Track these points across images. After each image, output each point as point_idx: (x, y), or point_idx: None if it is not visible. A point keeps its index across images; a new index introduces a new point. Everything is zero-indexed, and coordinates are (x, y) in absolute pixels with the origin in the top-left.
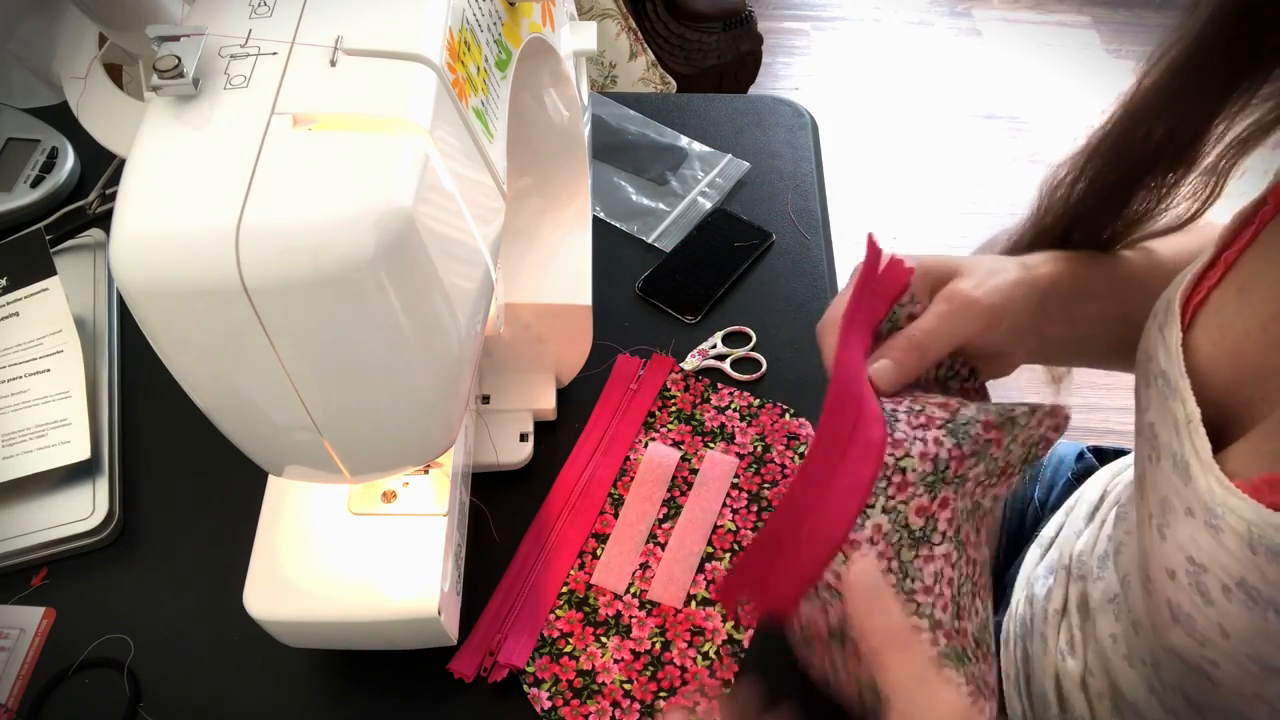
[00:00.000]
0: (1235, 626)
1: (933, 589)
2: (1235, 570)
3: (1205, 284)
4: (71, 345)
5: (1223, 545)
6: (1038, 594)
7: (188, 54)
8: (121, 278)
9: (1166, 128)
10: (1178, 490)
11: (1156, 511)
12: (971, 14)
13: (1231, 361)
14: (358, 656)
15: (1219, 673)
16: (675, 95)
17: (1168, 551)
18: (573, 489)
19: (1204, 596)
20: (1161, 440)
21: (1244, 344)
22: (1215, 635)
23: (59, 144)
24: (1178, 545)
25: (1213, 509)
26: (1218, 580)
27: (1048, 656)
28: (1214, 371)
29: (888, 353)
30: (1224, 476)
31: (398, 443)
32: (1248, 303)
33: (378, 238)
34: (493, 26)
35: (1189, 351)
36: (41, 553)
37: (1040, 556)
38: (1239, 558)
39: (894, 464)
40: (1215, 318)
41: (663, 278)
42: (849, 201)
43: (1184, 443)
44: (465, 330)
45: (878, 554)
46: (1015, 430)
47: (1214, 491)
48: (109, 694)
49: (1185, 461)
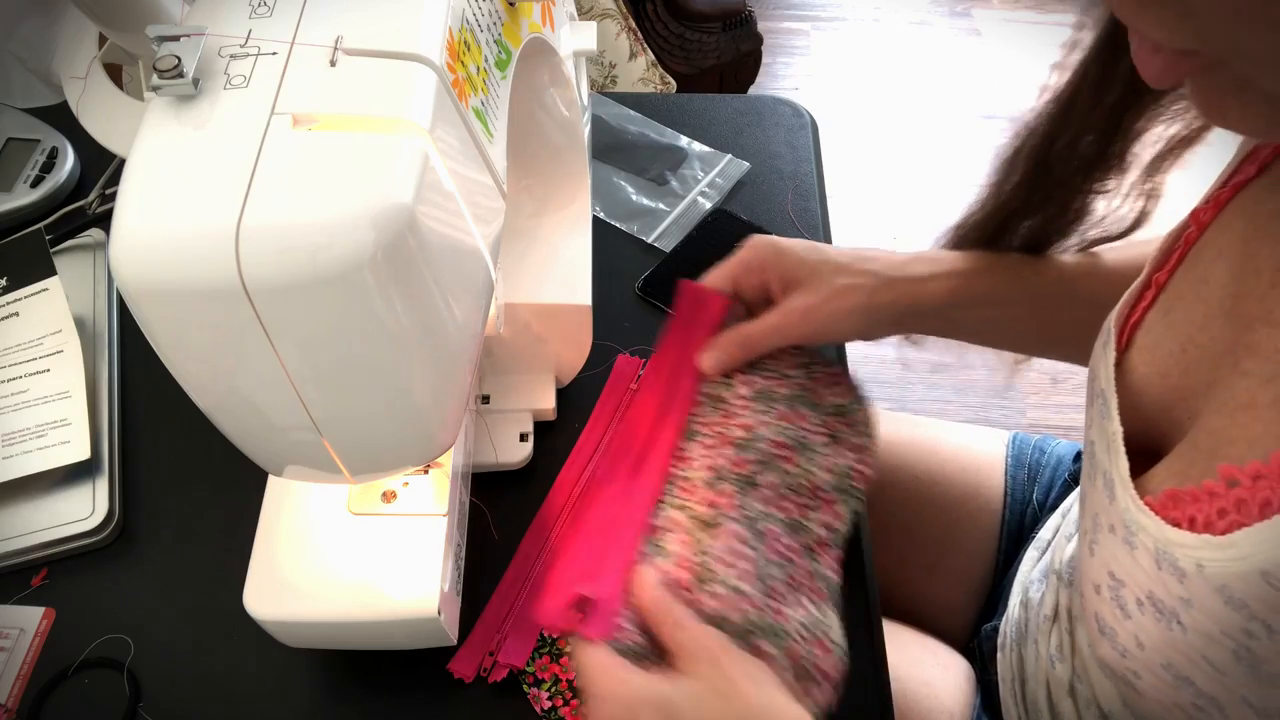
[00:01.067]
0: (1148, 638)
1: (726, 559)
2: (1145, 584)
3: (1141, 305)
4: (71, 345)
5: (1136, 561)
6: (1032, 599)
7: (188, 54)
8: (121, 278)
9: (1085, 134)
10: (1105, 507)
11: (1090, 528)
12: (971, 14)
13: (1161, 381)
14: (358, 656)
15: (1141, 683)
16: (675, 95)
17: (1095, 567)
18: (572, 489)
19: (1123, 610)
20: (1097, 458)
21: (1169, 364)
22: (1133, 646)
23: (59, 144)
24: (1103, 561)
25: (1129, 526)
26: (1133, 594)
27: (1039, 662)
28: (1146, 391)
29: (718, 344)
30: (1136, 494)
31: (398, 443)
32: (1171, 324)
33: (377, 238)
34: (493, 26)
35: (1126, 371)
36: (41, 553)
37: (1037, 559)
38: (1148, 572)
39: (681, 474)
40: (1146, 339)
41: (663, 278)
42: (849, 201)
43: (1111, 461)
44: (465, 330)
45: (678, 541)
46: (810, 453)
47: (1129, 509)
48: (109, 694)
49: (1111, 479)
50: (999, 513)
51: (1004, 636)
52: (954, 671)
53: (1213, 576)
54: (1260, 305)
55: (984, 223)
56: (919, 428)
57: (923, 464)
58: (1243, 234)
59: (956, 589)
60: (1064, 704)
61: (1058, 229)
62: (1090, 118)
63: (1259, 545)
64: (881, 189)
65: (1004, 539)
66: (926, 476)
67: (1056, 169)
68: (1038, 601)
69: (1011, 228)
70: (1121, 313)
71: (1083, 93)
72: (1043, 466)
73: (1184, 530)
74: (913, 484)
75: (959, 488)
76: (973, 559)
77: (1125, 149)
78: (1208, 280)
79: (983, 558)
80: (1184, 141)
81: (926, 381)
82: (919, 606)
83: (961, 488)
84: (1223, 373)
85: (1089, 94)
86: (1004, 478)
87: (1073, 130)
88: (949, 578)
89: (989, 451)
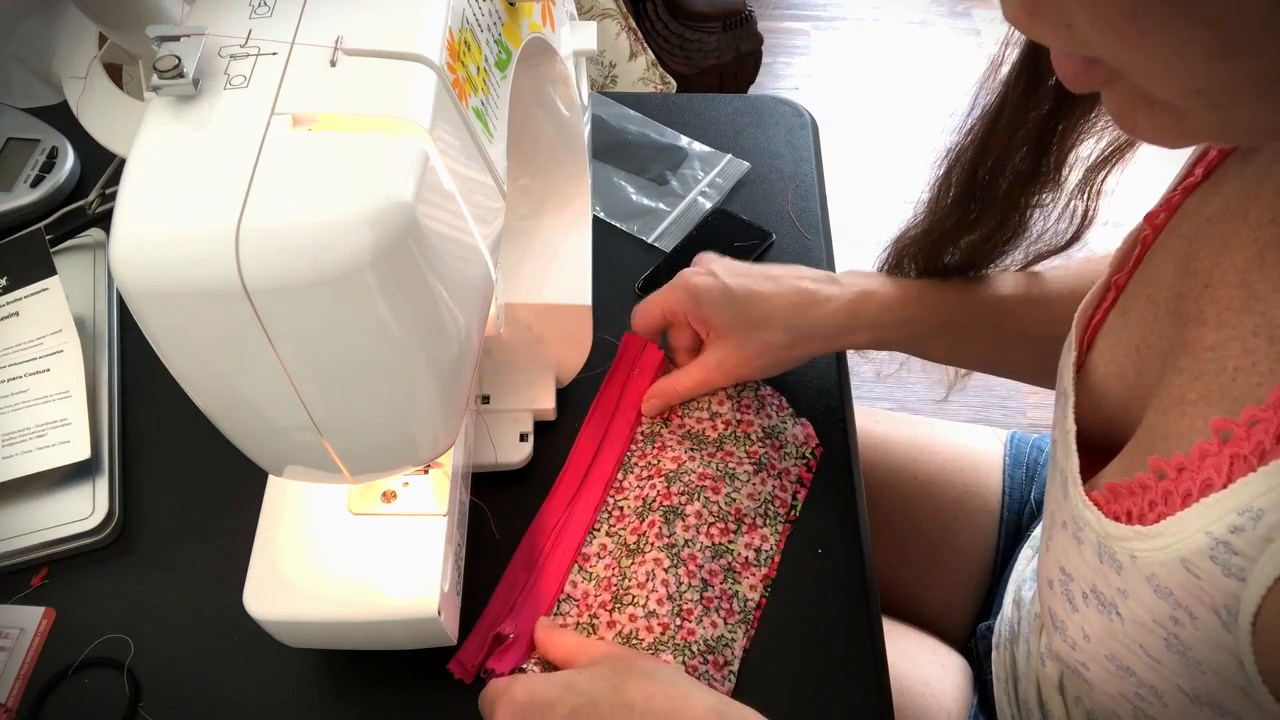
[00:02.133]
0: (1093, 630)
1: (645, 585)
2: (1090, 577)
3: (1102, 306)
4: (71, 345)
5: (1082, 555)
6: (1024, 598)
7: (188, 54)
8: (121, 278)
9: (1017, 148)
10: (1059, 504)
11: (1048, 525)
12: (971, 14)
13: (1119, 381)
14: (358, 656)
15: (1089, 674)
16: (675, 95)
17: (1049, 562)
18: (573, 489)
19: (1071, 603)
20: (1056, 457)
21: (1126, 365)
22: (1080, 639)
23: (59, 144)
24: (1054, 556)
25: (1078, 521)
26: (1079, 588)
27: (1030, 661)
28: (1107, 391)
29: (653, 393)
30: (1083, 491)
31: (398, 443)
32: (1127, 325)
33: (378, 238)
34: (493, 26)
35: (1088, 371)
36: (41, 553)
37: (1031, 558)
38: (1091, 565)
39: (614, 504)
40: (1106, 340)
41: (663, 278)
42: (849, 201)
43: (1066, 458)
44: (465, 330)
45: (604, 566)
46: (735, 482)
47: (1077, 505)
48: (109, 694)
49: (1065, 477)
50: (997, 512)
51: (998, 636)
52: (952, 670)
53: (1143, 566)
54: (1195, 305)
55: (921, 239)
56: (918, 427)
57: (922, 464)
58: (1187, 236)
59: (955, 588)
60: (1053, 701)
61: (997, 245)
62: (1020, 132)
63: (1178, 533)
64: (881, 189)
65: (1002, 538)
66: (925, 476)
67: (991, 184)
68: (1029, 600)
69: (949, 243)
70: (1084, 314)
71: (1010, 107)
72: (1041, 466)
73: (1121, 523)
74: (911, 484)
75: (958, 487)
76: (971, 558)
77: (1060, 162)
78: (1157, 281)
79: (981, 557)
80: (1116, 152)
81: (926, 381)
82: (918, 606)
83: (960, 487)
84: (1167, 372)
85: (1016, 108)
86: (1002, 477)
87: (1003, 145)
88: (948, 577)
89: (987, 451)
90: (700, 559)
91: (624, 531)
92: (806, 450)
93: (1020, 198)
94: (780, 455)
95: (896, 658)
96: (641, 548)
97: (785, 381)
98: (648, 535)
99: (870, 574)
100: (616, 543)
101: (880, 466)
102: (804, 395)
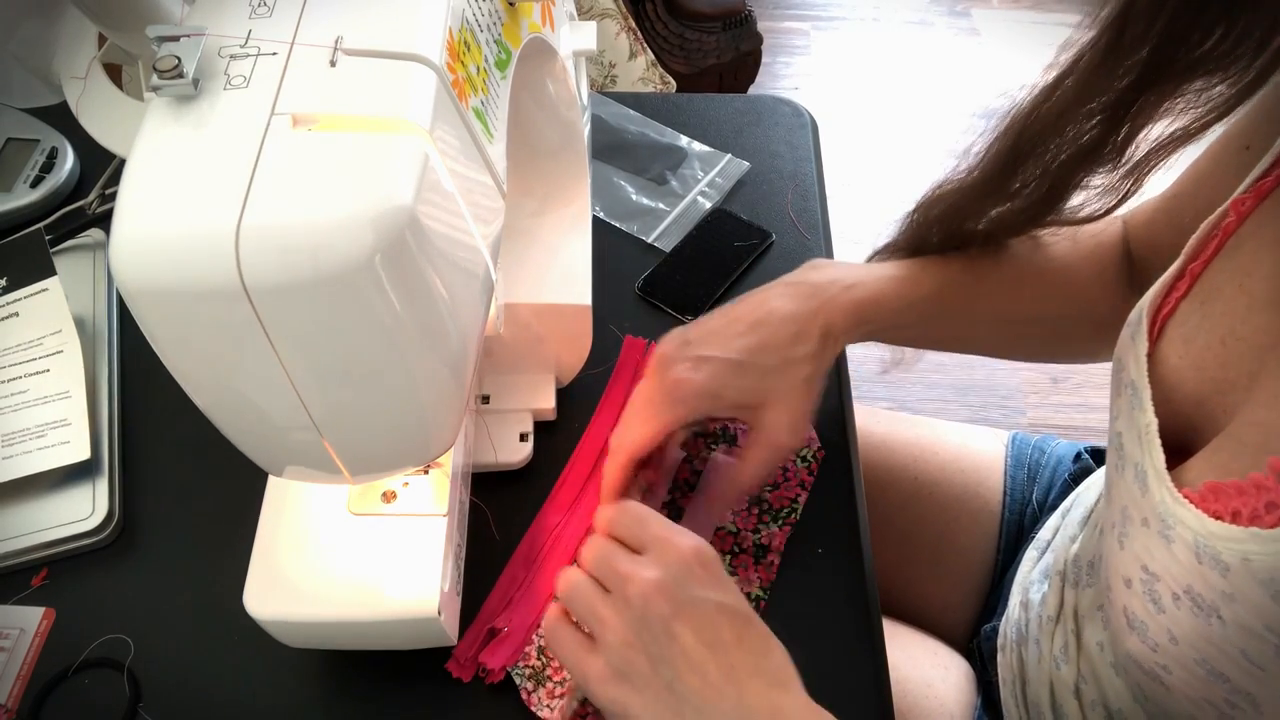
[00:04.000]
0: (1183, 632)
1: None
2: (1183, 578)
3: (1174, 295)
4: (71, 345)
5: (1173, 555)
6: (1033, 599)
7: (188, 54)
8: (121, 278)
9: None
10: (1136, 500)
11: (1118, 521)
12: (971, 14)
13: (1196, 374)
14: (358, 656)
15: (1171, 678)
16: (675, 95)
17: (1126, 560)
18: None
19: (1156, 604)
20: (1126, 450)
21: (1205, 357)
22: (1166, 641)
23: (59, 144)
24: (1134, 554)
25: (1165, 519)
26: (1168, 588)
27: (1042, 663)
28: (1180, 384)
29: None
30: (1174, 487)
31: (398, 443)
32: (1209, 316)
33: (377, 238)
34: (493, 26)
35: (1158, 362)
36: (41, 553)
37: (1036, 559)
38: (1186, 566)
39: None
40: (1180, 330)
41: (663, 278)
42: (849, 201)
43: (1144, 453)
44: (465, 330)
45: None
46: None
47: (1165, 502)
48: (109, 694)
49: (1144, 471)
50: (998, 513)
51: (1004, 637)
52: (954, 672)
53: (1259, 570)
54: None
55: (953, 202)
56: (918, 427)
57: (922, 464)
58: None
59: (956, 589)
60: (1069, 705)
61: (1030, 217)
62: (1095, 101)
63: None
64: (881, 189)
65: (1003, 539)
66: (926, 477)
67: (1047, 154)
68: (1038, 602)
69: (982, 210)
70: (1153, 303)
71: (1090, 72)
72: (1042, 467)
73: (1227, 523)
74: (912, 484)
75: (959, 488)
76: (972, 559)
77: (1128, 139)
78: (1251, 272)
79: (982, 558)
80: (1185, 136)
81: (926, 381)
82: (919, 607)
83: (961, 488)
84: (1270, 365)
85: (1097, 74)
86: (1003, 478)
87: (1074, 113)
88: (949, 578)
89: (988, 451)
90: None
91: None
92: (808, 453)
93: (1075, 171)
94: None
95: (898, 659)
96: None
97: None
98: None
99: (870, 574)
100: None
101: (880, 466)
102: None
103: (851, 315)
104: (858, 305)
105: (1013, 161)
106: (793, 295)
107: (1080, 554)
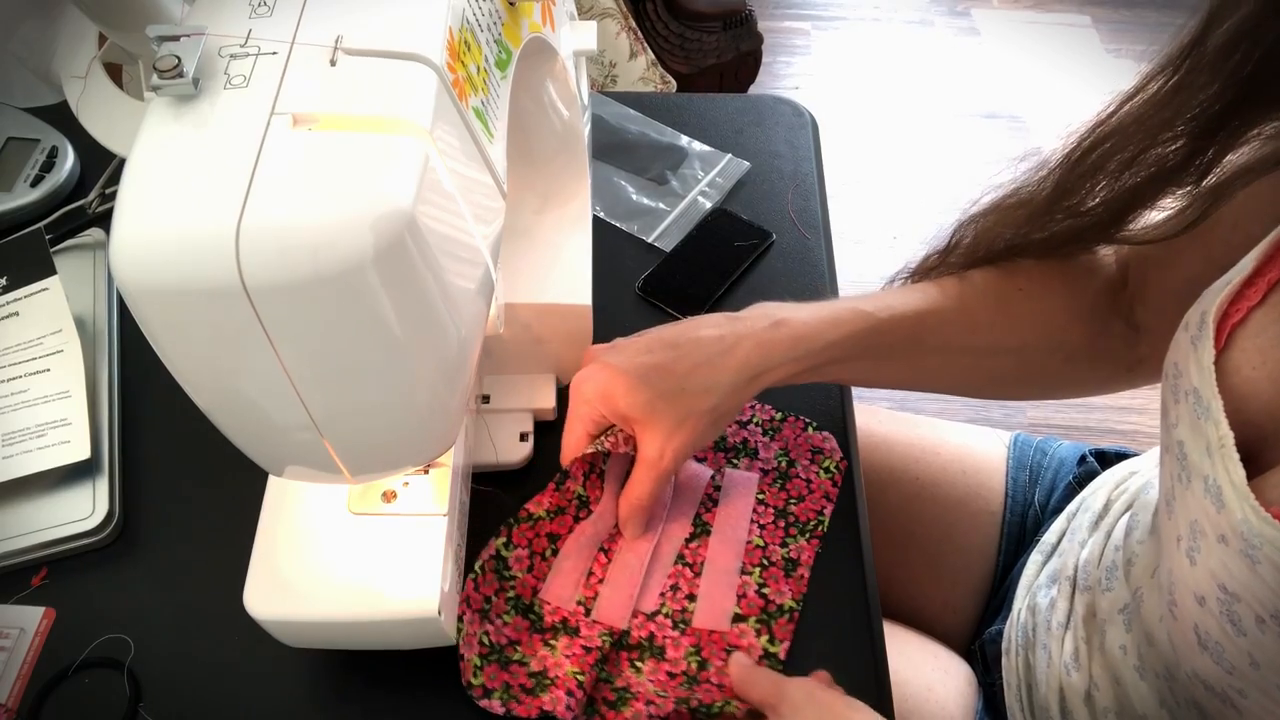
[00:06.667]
0: (1266, 657)
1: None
2: (1271, 602)
3: (1244, 303)
4: (71, 345)
5: (1259, 576)
6: (1040, 604)
7: (188, 54)
8: (121, 278)
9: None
10: (1209, 515)
11: (1185, 534)
12: (971, 14)
13: (1273, 386)
14: (358, 656)
15: (1245, 702)
16: (675, 95)
17: (1198, 577)
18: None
19: (1235, 626)
20: (1192, 461)
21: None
22: (1245, 665)
23: (59, 143)
24: (1209, 572)
25: (1248, 538)
26: (1251, 610)
27: (1051, 669)
28: (1254, 395)
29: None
30: (1259, 506)
31: (398, 443)
32: None
33: (378, 238)
34: (493, 26)
35: (1227, 372)
36: (41, 553)
37: (1042, 563)
38: (1276, 589)
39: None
40: (1256, 340)
41: (663, 278)
42: (849, 201)
43: (1216, 466)
44: (465, 330)
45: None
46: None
47: (1250, 521)
48: (109, 694)
49: (1218, 486)
50: (1000, 514)
51: (1009, 641)
52: (955, 675)
53: None
54: None
55: (1029, 208)
56: (919, 428)
57: (923, 465)
58: None
59: (957, 591)
60: (1079, 711)
61: (1092, 235)
62: (1186, 118)
63: None
64: (881, 189)
65: (1005, 541)
66: (927, 478)
67: (1123, 171)
68: (1046, 607)
69: (1049, 223)
70: (1220, 308)
71: (1184, 87)
72: (1044, 468)
73: None
74: (913, 485)
75: (960, 489)
76: (973, 561)
77: (1213, 163)
78: None
79: (984, 560)
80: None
81: None
82: (919, 609)
83: (962, 489)
84: None
85: (1191, 89)
86: (1005, 480)
87: (1162, 130)
88: (949, 580)
89: (990, 453)
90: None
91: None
92: (831, 464)
93: (1151, 192)
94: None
95: (898, 662)
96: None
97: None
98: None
99: (870, 574)
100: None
101: (881, 467)
102: (804, 394)
103: (774, 351)
104: (778, 342)
105: (1082, 176)
106: (718, 326)
107: (1090, 560)
